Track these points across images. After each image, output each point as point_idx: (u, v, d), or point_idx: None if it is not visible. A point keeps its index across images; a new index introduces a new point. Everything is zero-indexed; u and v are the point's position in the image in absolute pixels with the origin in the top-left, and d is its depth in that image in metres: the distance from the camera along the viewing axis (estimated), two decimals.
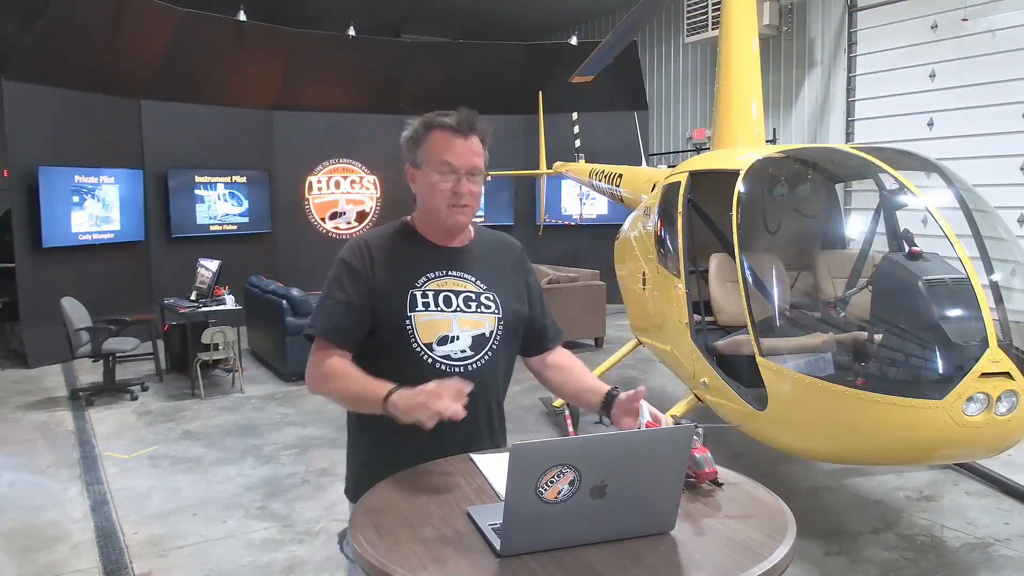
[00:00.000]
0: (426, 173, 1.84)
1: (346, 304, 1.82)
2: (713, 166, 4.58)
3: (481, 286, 1.89)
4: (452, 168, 1.81)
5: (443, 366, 1.81)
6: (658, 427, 1.76)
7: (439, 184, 1.81)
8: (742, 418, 3.83)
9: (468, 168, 1.82)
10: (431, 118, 1.85)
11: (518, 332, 1.96)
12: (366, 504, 1.55)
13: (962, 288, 3.23)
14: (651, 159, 10.55)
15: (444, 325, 1.82)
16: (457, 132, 1.81)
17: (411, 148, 1.87)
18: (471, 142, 1.83)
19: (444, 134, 1.82)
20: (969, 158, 6.76)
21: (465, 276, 1.88)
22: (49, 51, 7.67)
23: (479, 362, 1.85)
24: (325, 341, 1.83)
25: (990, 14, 6.94)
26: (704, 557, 1.37)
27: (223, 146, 9.76)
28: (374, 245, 1.88)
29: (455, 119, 1.82)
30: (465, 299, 1.86)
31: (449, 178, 1.81)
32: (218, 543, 3.86)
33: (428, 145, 1.83)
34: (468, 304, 1.86)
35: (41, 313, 7.48)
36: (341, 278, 1.85)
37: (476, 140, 1.84)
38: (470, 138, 1.83)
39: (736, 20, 5.16)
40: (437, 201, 1.83)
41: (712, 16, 9.37)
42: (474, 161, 1.83)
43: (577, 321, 8.46)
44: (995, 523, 3.96)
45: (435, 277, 1.86)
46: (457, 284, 1.87)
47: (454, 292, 1.86)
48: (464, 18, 12.37)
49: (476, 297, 1.87)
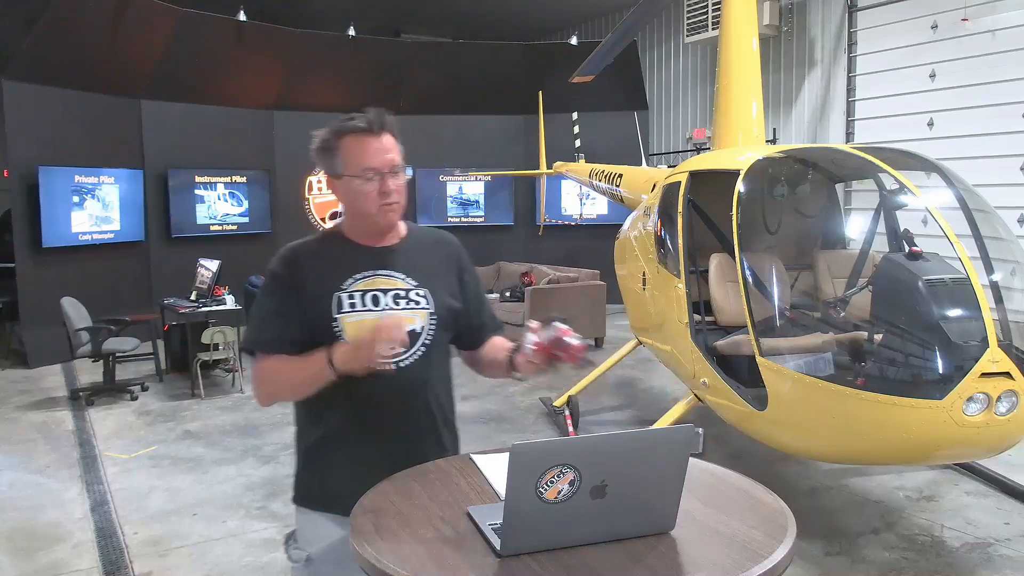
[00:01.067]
0: (348, 181, 1.83)
1: (279, 314, 1.83)
2: (713, 166, 4.58)
3: (411, 283, 1.89)
4: (373, 171, 1.80)
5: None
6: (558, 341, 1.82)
7: (363, 188, 1.81)
8: (742, 418, 3.83)
9: (388, 166, 1.82)
10: (339, 125, 1.84)
11: (452, 328, 1.96)
12: (366, 504, 1.55)
13: (962, 288, 3.23)
14: (651, 159, 10.54)
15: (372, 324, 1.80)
16: (368, 133, 1.81)
17: (324, 158, 1.86)
18: (384, 140, 1.82)
19: (356, 138, 1.81)
20: (969, 158, 6.76)
21: (394, 274, 1.88)
22: (49, 51, 7.67)
23: (411, 358, 1.85)
24: (264, 354, 1.84)
25: (990, 14, 6.94)
26: (704, 557, 1.37)
27: (223, 146, 9.75)
28: (301, 253, 1.89)
29: (363, 120, 1.81)
30: (394, 296, 1.86)
31: (373, 182, 1.81)
32: (218, 543, 3.87)
33: (342, 153, 1.82)
34: (397, 301, 1.86)
35: (41, 313, 7.47)
36: (270, 289, 1.88)
37: (388, 136, 1.83)
38: (382, 136, 1.82)
39: (736, 20, 5.16)
40: (366, 206, 1.83)
41: (712, 16, 9.36)
42: (391, 158, 1.82)
43: (577, 321, 8.34)
44: (995, 523, 3.95)
45: (362, 277, 1.86)
46: (386, 283, 1.87)
47: (382, 291, 1.86)
48: (464, 18, 12.37)
49: (406, 294, 1.88)
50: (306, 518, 1.92)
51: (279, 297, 1.85)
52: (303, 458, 1.94)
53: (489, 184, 11.28)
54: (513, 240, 11.21)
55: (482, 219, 11.37)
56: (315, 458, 1.90)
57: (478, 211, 11.37)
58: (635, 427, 5.29)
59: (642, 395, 6.71)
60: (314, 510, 1.89)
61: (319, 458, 1.89)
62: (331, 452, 1.87)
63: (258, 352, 1.85)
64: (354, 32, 10.19)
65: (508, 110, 11.22)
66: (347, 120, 1.83)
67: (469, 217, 11.36)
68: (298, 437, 1.96)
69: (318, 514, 1.88)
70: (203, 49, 9.08)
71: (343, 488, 1.79)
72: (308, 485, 1.93)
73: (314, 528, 1.89)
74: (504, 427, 5.78)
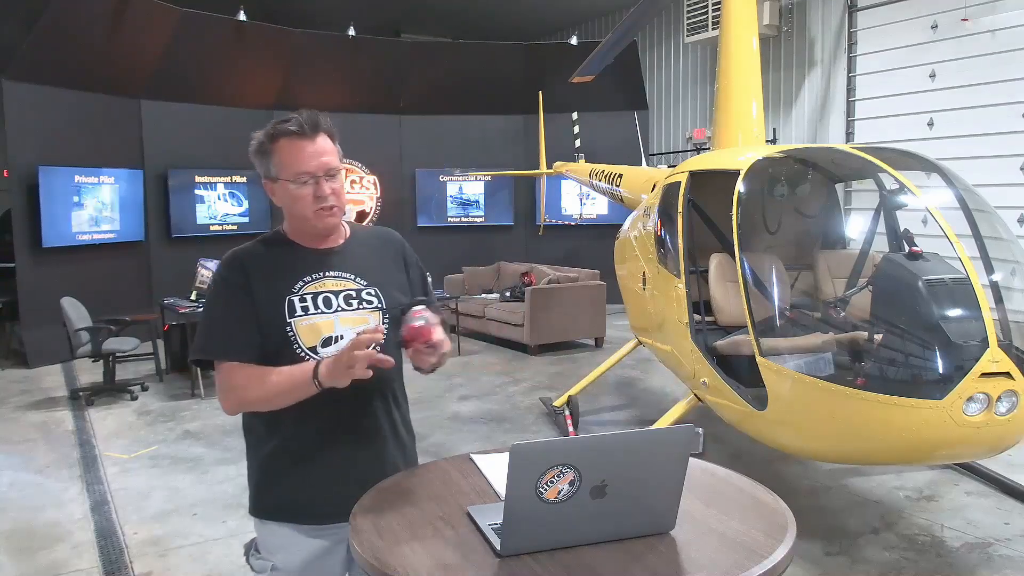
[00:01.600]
0: (283, 185, 1.80)
1: (238, 319, 1.78)
2: (713, 166, 4.58)
3: (361, 282, 1.86)
4: (308, 175, 1.77)
5: None
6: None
7: (298, 192, 1.78)
8: (742, 418, 3.83)
9: (323, 170, 1.78)
10: (273, 128, 1.80)
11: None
12: (366, 504, 1.55)
13: (962, 288, 3.23)
14: (651, 159, 10.55)
15: (326, 326, 1.79)
16: (301, 136, 1.77)
17: (261, 161, 1.83)
18: (318, 142, 1.78)
19: (289, 141, 1.78)
20: (969, 158, 6.76)
21: (343, 275, 1.85)
22: (49, 51, 7.67)
23: None
24: (228, 361, 1.78)
25: (990, 14, 6.94)
26: (704, 557, 1.37)
27: (223, 146, 9.72)
28: (247, 258, 1.84)
29: (296, 123, 1.77)
30: (345, 297, 1.83)
31: (308, 186, 1.77)
32: (218, 543, 3.86)
33: (277, 156, 1.79)
34: (349, 302, 1.83)
35: (41, 313, 7.48)
36: (223, 295, 1.82)
37: (323, 138, 1.80)
38: (316, 138, 1.78)
39: (736, 20, 5.16)
40: (302, 209, 1.80)
41: (712, 16, 9.37)
42: (325, 161, 1.78)
43: (577, 321, 8.47)
44: (995, 523, 3.95)
45: (312, 280, 1.82)
46: (336, 284, 1.84)
47: (333, 292, 1.83)
48: (464, 18, 12.38)
49: (357, 294, 1.85)
50: (268, 529, 1.87)
51: (234, 303, 1.79)
52: (260, 469, 1.89)
53: (489, 184, 11.29)
54: (513, 240, 11.22)
55: (482, 219, 11.37)
56: (273, 468, 1.85)
57: (478, 211, 11.37)
58: (635, 427, 5.29)
59: (642, 395, 6.71)
60: (276, 521, 1.85)
61: (277, 468, 1.84)
62: (290, 460, 1.83)
63: (221, 360, 1.78)
64: (354, 32, 10.20)
65: (508, 110, 11.22)
66: (281, 122, 1.79)
67: (469, 217, 11.36)
68: (251, 448, 1.91)
69: (280, 524, 1.85)
70: (203, 49, 9.09)
71: (307, 497, 1.79)
72: (268, 496, 1.87)
73: (277, 538, 1.85)
74: (504, 427, 5.78)
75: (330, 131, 1.82)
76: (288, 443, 1.82)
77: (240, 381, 1.77)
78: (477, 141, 11.24)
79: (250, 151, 1.84)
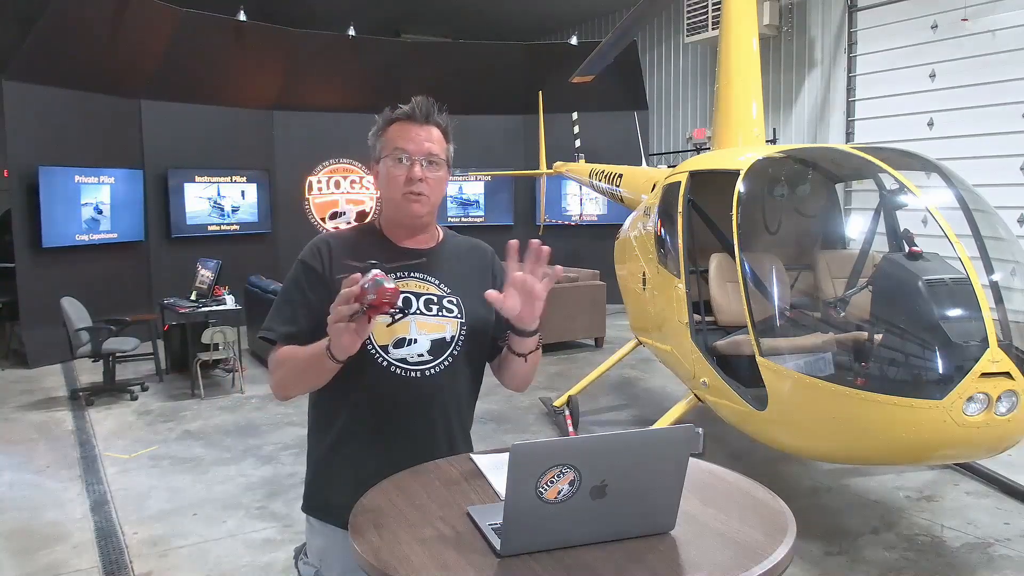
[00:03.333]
0: (383, 164, 1.80)
1: (305, 306, 1.76)
2: (713, 166, 4.58)
3: (444, 289, 1.82)
4: (406, 153, 1.76)
5: (399, 369, 1.76)
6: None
7: (393, 171, 1.77)
8: (742, 418, 3.83)
9: (422, 154, 1.76)
10: (389, 112, 1.82)
11: (483, 340, 1.87)
12: (366, 504, 1.55)
13: (962, 288, 3.23)
14: (651, 159, 10.55)
15: (401, 327, 1.76)
16: (412, 120, 1.78)
17: (374, 144, 1.84)
18: (427, 129, 1.79)
19: (400, 124, 1.79)
20: (969, 158, 6.76)
21: (428, 279, 1.82)
22: (49, 51, 7.67)
23: (438, 367, 1.78)
24: (283, 346, 1.76)
25: (990, 14, 6.94)
26: (704, 557, 1.37)
27: (223, 146, 9.76)
28: (335, 246, 1.82)
29: (410, 108, 1.79)
30: (426, 302, 1.79)
31: (403, 166, 1.76)
32: (218, 543, 3.86)
33: (385, 137, 1.81)
34: (429, 307, 1.79)
35: (41, 313, 7.48)
36: (299, 279, 1.80)
37: (434, 129, 1.80)
38: (426, 126, 1.79)
39: (736, 20, 5.16)
40: (393, 191, 1.78)
41: (712, 16, 9.37)
42: (428, 147, 1.77)
43: (577, 321, 8.47)
44: (995, 523, 3.96)
45: (396, 278, 1.76)
46: (419, 286, 1.81)
47: (415, 294, 1.79)
48: (464, 18, 12.38)
49: (438, 300, 1.81)
50: (313, 529, 1.86)
51: (306, 288, 1.77)
52: (312, 465, 1.88)
53: (489, 184, 11.29)
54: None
55: (482, 219, 11.37)
56: (324, 465, 1.84)
57: (478, 211, 11.38)
58: (635, 427, 5.29)
59: (642, 395, 6.71)
60: (321, 520, 1.84)
61: (327, 466, 1.83)
62: (342, 461, 1.80)
63: (278, 342, 1.77)
64: (354, 32, 10.20)
65: (508, 110, 11.22)
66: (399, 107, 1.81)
67: (469, 217, 11.37)
68: (310, 444, 1.90)
69: (324, 524, 1.82)
70: (203, 49, 9.09)
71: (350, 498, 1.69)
72: (316, 494, 1.86)
73: (321, 539, 1.83)
74: (504, 427, 5.78)
75: (444, 126, 1.82)
76: (342, 442, 1.79)
77: (280, 359, 1.74)
78: (477, 141, 11.23)
79: (369, 135, 1.85)
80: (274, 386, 1.78)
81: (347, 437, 1.79)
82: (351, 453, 1.79)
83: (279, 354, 1.76)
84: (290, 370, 1.73)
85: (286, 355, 1.74)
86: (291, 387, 1.77)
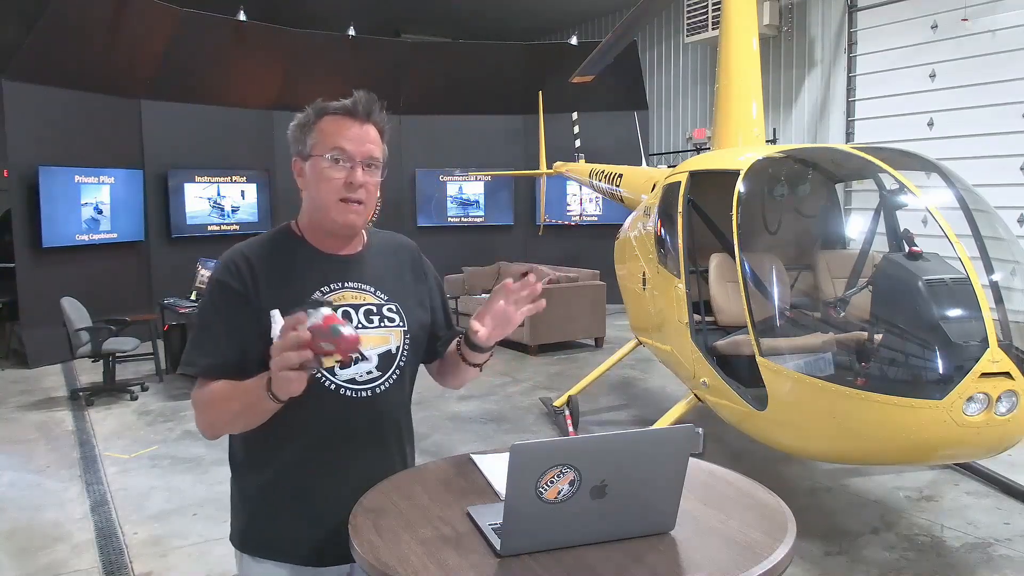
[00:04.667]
0: (314, 162, 1.59)
1: (228, 334, 1.56)
2: (713, 166, 4.58)
3: (382, 297, 1.67)
4: (345, 155, 1.57)
5: (348, 391, 1.60)
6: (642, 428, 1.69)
7: (328, 172, 1.58)
8: (742, 418, 3.83)
9: (363, 156, 1.58)
10: (322, 103, 1.62)
11: (422, 344, 1.76)
12: (366, 504, 1.55)
13: (962, 288, 3.23)
14: (651, 159, 10.55)
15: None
16: (352, 117, 1.60)
17: (299, 137, 1.63)
18: (367, 129, 1.61)
19: (336, 119, 1.60)
20: (969, 158, 6.76)
21: (363, 287, 1.66)
22: (49, 51, 7.67)
23: (387, 382, 1.65)
24: (206, 380, 1.56)
25: (990, 14, 6.94)
26: (704, 557, 1.37)
27: (223, 146, 9.76)
28: (254, 259, 1.60)
29: (350, 103, 1.60)
30: (366, 313, 1.64)
31: (341, 168, 1.57)
32: (218, 543, 3.86)
33: (318, 132, 1.60)
34: (370, 319, 1.64)
35: (41, 313, 7.47)
36: (217, 304, 1.59)
37: (373, 128, 1.62)
38: (367, 125, 1.61)
39: (736, 20, 5.16)
40: (326, 195, 1.59)
41: (712, 16, 9.37)
42: (369, 149, 1.59)
43: (577, 321, 8.47)
44: (995, 523, 3.95)
45: (330, 291, 1.62)
46: (356, 297, 1.64)
47: (353, 307, 1.63)
48: (464, 18, 12.38)
49: (378, 310, 1.66)
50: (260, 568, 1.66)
51: (225, 312, 1.57)
52: (248, 503, 1.68)
53: (489, 184, 11.29)
54: (513, 240, 11.22)
55: (482, 219, 11.37)
56: (264, 503, 1.65)
57: (478, 211, 11.38)
58: (635, 427, 5.29)
59: (642, 395, 6.71)
60: (271, 560, 1.65)
61: (269, 503, 1.64)
62: (290, 494, 1.62)
63: (200, 377, 1.57)
64: (354, 32, 10.21)
65: (508, 110, 11.22)
66: (333, 101, 1.62)
67: (469, 217, 11.37)
68: (239, 481, 1.70)
69: (275, 564, 1.65)
70: (203, 49, 9.09)
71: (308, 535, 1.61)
72: (257, 532, 1.67)
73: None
74: (504, 427, 5.78)
75: (382, 126, 1.65)
76: (287, 476, 1.62)
77: (207, 399, 1.55)
78: (477, 141, 11.24)
79: (290, 127, 1.66)
80: (202, 427, 1.58)
81: (292, 470, 1.62)
82: (299, 486, 1.62)
83: (205, 392, 1.55)
84: (221, 412, 1.54)
85: (214, 395, 1.54)
86: (223, 428, 1.59)
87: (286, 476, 1.63)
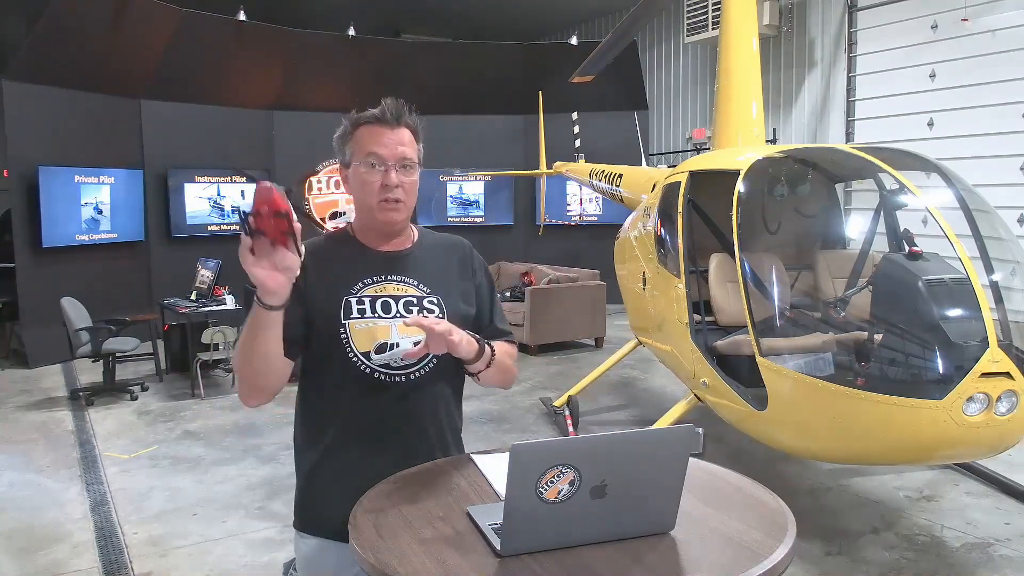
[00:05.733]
0: (355, 169, 1.75)
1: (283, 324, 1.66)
2: (713, 166, 4.58)
3: (424, 290, 1.80)
4: (379, 159, 1.72)
5: (382, 375, 1.72)
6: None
7: (367, 177, 1.73)
8: (742, 418, 3.83)
9: (396, 158, 1.72)
10: (356, 115, 1.77)
11: None
12: (366, 504, 1.55)
13: (962, 288, 3.23)
14: (651, 159, 10.55)
15: (383, 332, 1.72)
16: (382, 123, 1.74)
17: (340, 148, 1.79)
18: (399, 133, 1.74)
19: (370, 127, 1.74)
20: (969, 158, 6.76)
21: (406, 280, 1.79)
22: (49, 51, 7.67)
23: (422, 370, 1.75)
24: None
25: (990, 14, 6.94)
26: (704, 557, 1.37)
27: (223, 146, 9.75)
28: (308, 253, 1.69)
29: (380, 111, 1.74)
30: (405, 304, 1.76)
31: (377, 171, 1.72)
32: (218, 543, 3.86)
33: (354, 141, 1.76)
34: (409, 309, 1.76)
35: (41, 313, 7.48)
36: None
37: (405, 131, 1.76)
38: (398, 129, 1.74)
39: (736, 20, 5.16)
40: (368, 198, 1.74)
41: (712, 16, 9.37)
42: (401, 151, 1.73)
43: (577, 321, 8.47)
44: (995, 523, 3.96)
45: (372, 283, 1.76)
46: (397, 289, 1.78)
47: (393, 297, 1.76)
48: (464, 18, 12.38)
49: (418, 301, 1.78)
50: (307, 544, 1.80)
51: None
52: (301, 480, 1.83)
53: (489, 184, 11.29)
54: (513, 240, 11.22)
55: (482, 219, 11.37)
56: (313, 481, 1.79)
57: (478, 211, 11.37)
58: (635, 427, 5.29)
59: (642, 395, 6.71)
60: (313, 536, 1.78)
61: (317, 480, 1.78)
62: (330, 473, 1.76)
63: None
64: (354, 32, 10.20)
65: (508, 110, 11.22)
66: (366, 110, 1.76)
67: (469, 217, 11.36)
68: (298, 460, 1.85)
69: (314, 537, 1.78)
70: (203, 49, 9.08)
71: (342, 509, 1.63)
72: (306, 508, 1.81)
73: (311, 552, 1.79)
74: (504, 427, 5.78)
75: (414, 127, 1.78)
76: (332, 455, 1.75)
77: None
78: (477, 141, 11.23)
79: (334, 139, 1.80)
80: (240, 392, 1.72)
81: (337, 449, 1.76)
82: (341, 464, 1.75)
83: None
84: (242, 353, 1.62)
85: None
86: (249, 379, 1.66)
87: (329, 456, 1.76)
